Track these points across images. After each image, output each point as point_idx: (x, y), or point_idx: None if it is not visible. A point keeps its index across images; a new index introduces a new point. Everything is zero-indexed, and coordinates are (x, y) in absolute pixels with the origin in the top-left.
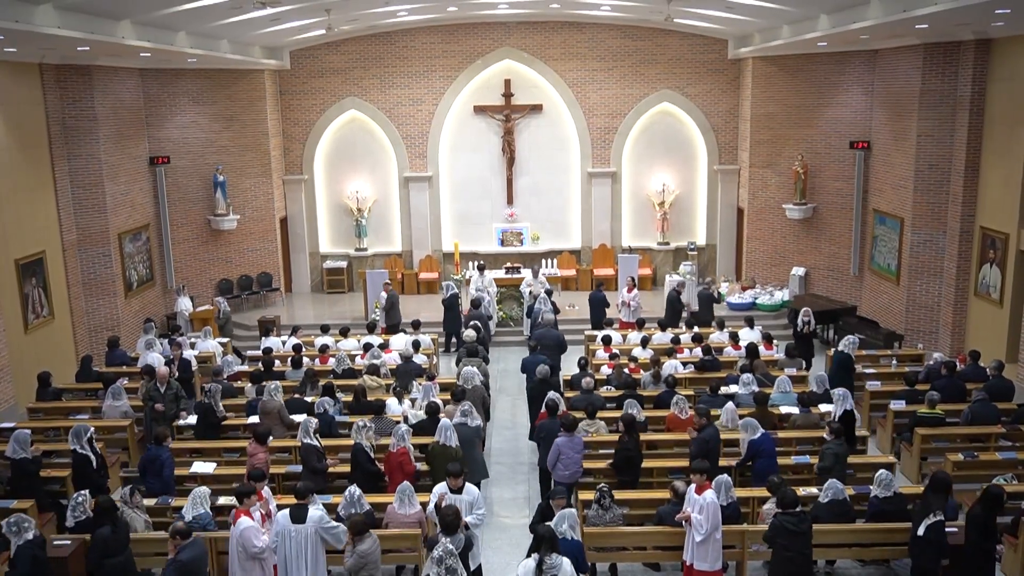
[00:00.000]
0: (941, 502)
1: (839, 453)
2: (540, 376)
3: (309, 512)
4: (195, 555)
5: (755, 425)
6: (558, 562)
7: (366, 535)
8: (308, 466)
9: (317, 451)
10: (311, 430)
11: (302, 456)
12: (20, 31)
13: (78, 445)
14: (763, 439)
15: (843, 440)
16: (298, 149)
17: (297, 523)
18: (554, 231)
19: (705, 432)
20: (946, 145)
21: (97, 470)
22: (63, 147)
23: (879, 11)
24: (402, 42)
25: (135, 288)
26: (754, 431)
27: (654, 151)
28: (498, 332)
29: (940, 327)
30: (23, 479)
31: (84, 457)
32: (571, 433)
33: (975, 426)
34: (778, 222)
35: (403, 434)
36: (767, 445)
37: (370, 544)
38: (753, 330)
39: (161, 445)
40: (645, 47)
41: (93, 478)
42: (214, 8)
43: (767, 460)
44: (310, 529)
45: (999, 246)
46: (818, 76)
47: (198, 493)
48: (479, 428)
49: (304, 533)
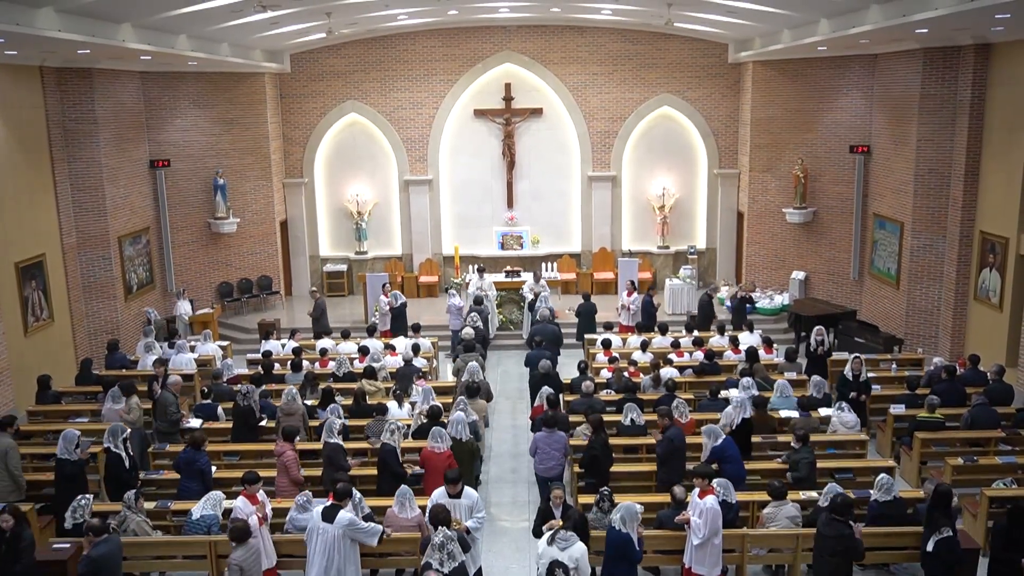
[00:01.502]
0: (946, 517)
1: (812, 461)
2: (542, 371)
3: (339, 514)
4: (109, 551)
5: (717, 431)
6: (571, 540)
7: (244, 543)
8: (335, 465)
9: (342, 451)
10: (335, 430)
11: (327, 456)
12: (21, 34)
13: (112, 444)
14: (726, 444)
15: (811, 447)
16: (298, 152)
17: (326, 522)
18: (554, 235)
19: (670, 432)
20: (946, 149)
21: (129, 470)
22: (63, 150)
23: (879, 16)
24: (402, 46)
25: (135, 291)
26: (716, 437)
27: (654, 155)
28: (498, 335)
29: (940, 331)
30: (63, 481)
31: (117, 456)
32: (551, 429)
33: (975, 430)
34: (778, 226)
35: (443, 436)
36: (731, 450)
37: (243, 553)
38: (753, 334)
39: (199, 449)
40: (645, 51)
41: (124, 478)
42: (215, 11)
43: (734, 465)
44: (337, 531)
45: (999, 250)
46: (818, 80)
47: (213, 496)
48: (475, 423)
49: (331, 533)
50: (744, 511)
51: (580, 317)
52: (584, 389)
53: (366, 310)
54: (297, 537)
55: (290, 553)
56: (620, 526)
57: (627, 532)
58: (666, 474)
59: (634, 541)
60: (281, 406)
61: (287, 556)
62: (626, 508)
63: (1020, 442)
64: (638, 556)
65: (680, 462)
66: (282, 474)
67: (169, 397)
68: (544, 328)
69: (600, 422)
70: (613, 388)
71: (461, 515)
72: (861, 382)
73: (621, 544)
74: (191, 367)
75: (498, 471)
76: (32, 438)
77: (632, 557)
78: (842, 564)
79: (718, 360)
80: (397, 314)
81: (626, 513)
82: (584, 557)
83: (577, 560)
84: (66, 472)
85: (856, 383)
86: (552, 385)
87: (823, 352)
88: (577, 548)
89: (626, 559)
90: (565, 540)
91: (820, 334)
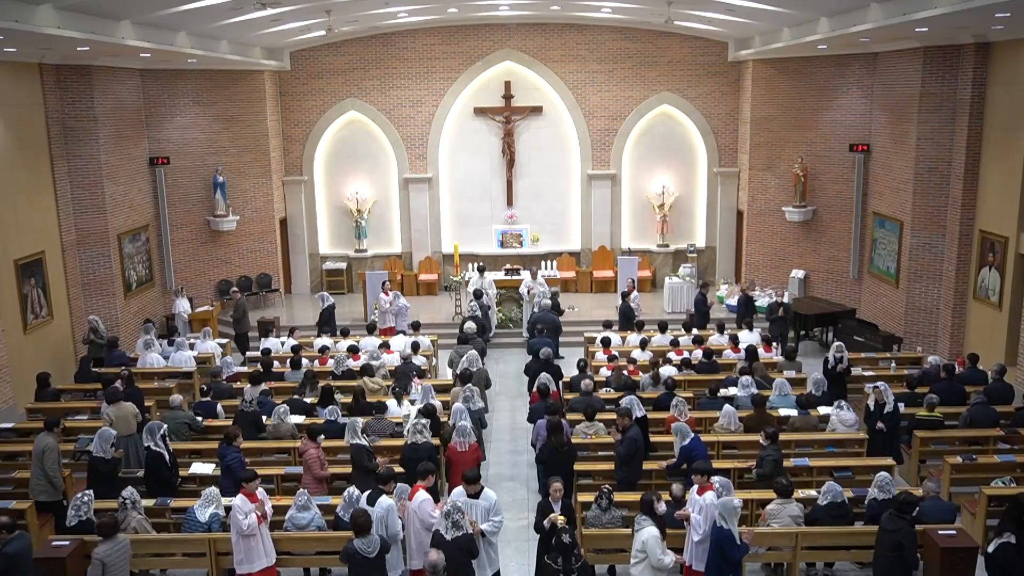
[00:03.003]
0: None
1: (777, 459)
2: (543, 357)
3: (381, 498)
4: (22, 547)
5: (686, 430)
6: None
7: (111, 538)
8: (359, 466)
9: (367, 451)
10: (358, 430)
11: (352, 457)
12: (20, 31)
13: (152, 442)
14: (694, 443)
15: (779, 445)
16: (298, 150)
17: (368, 506)
18: (554, 233)
19: (631, 432)
20: (946, 148)
21: (170, 468)
22: (63, 147)
23: (879, 14)
24: (402, 43)
25: (134, 289)
26: (685, 436)
27: (654, 153)
28: (497, 334)
29: (939, 330)
30: (97, 479)
31: (158, 455)
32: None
33: (974, 429)
34: (778, 225)
35: (470, 431)
36: (700, 449)
37: (108, 548)
38: (752, 332)
39: (231, 445)
40: (645, 49)
41: (165, 476)
42: (214, 9)
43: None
44: (378, 513)
45: (998, 249)
46: (818, 79)
47: (210, 493)
48: (481, 411)
49: (374, 516)
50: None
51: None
52: (583, 387)
53: (365, 308)
54: (296, 535)
55: (289, 551)
56: (722, 522)
57: (729, 528)
58: (626, 474)
59: (734, 536)
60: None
61: (286, 554)
62: (723, 503)
63: (1019, 441)
64: (736, 553)
65: (640, 462)
66: (306, 472)
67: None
68: (544, 316)
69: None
70: (612, 386)
71: (478, 517)
72: (886, 413)
73: (723, 541)
74: (190, 365)
75: (497, 469)
76: (32, 435)
77: (730, 554)
78: (900, 560)
79: (717, 358)
80: (327, 316)
81: (723, 508)
82: (652, 540)
83: (644, 543)
84: (102, 470)
85: (880, 412)
86: (551, 372)
87: (842, 370)
88: (646, 531)
89: (726, 556)
90: (638, 524)
91: (840, 351)
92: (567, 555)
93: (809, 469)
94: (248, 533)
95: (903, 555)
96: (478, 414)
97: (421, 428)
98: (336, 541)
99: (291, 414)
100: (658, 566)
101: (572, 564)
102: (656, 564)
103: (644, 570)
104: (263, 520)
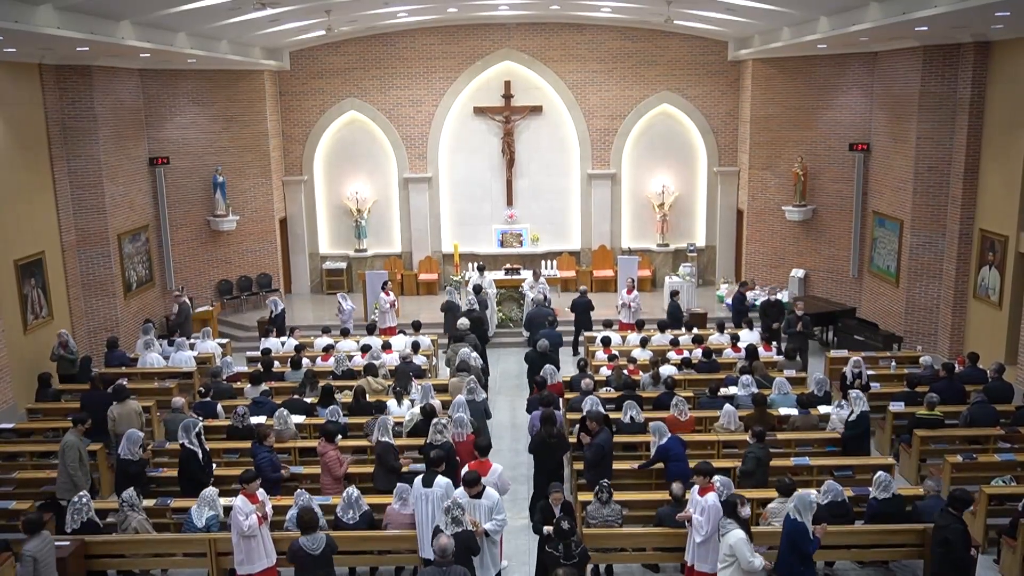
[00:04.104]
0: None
1: (760, 457)
2: (540, 350)
3: (437, 478)
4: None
5: (663, 429)
6: (729, 527)
7: (37, 535)
8: (386, 465)
9: (393, 449)
10: (389, 427)
11: (379, 455)
12: (20, 31)
13: (187, 439)
14: (671, 442)
15: (765, 444)
16: (298, 150)
17: (427, 487)
18: (554, 233)
19: (600, 438)
20: (945, 147)
21: (203, 466)
22: (62, 148)
23: (879, 13)
24: (402, 43)
25: (134, 289)
26: (662, 435)
27: (654, 153)
28: (497, 333)
29: (939, 329)
30: (126, 480)
31: (192, 452)
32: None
33: (974, 428)
34: (778, 224)
35: (467, 422)
36: (676, 449)
37: (37, 543)
38: (752, 332)
39: (261, 444)
40: (645, 49)
41: (198, 474)
42: (214, 9)
43: (679, 464)
44: (437, 492)
45: (998, 248)
46: (818, 78)
47: (207, 494)
48: (485, 401)
49: (433, 496)
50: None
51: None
52: (583, 387)
53: (365, 308)
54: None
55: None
56: (796, 515)
57: (802, 522)
58: (594, 476)
59: (809, 531)
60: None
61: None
62: (800, 497)
63: (1019, 440)
64: (811, 547)
65: (609, 465)
66: (325, 472)
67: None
68: (539, 311)
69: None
70: (612, 386)
71: (481, 516)
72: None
73: (795, 534)
74: (191, 365)
75: None
76: (32, 436)
77: (804, 548)
78: (947, 557)
79: (717, 358)
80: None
81: (800, 503)
82: (741, 543)
83: (732, 546)
84: (130, 472)
85: None
86: (549, 363)
87: (860, 386)
88: (733, 535)
89: (798, 550)
90: (724, 527)
91: (857, 366)
92: (567, 541)
93: (809, 468)
94: (249, 534)
95: (949, 551)
96: (482, 405)
97: (442, 428)
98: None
99: (292, 414)
100: (748, 568)
101: (573, 550)
102: (747, 567)
103: (733, 573)
104: (264, 521)
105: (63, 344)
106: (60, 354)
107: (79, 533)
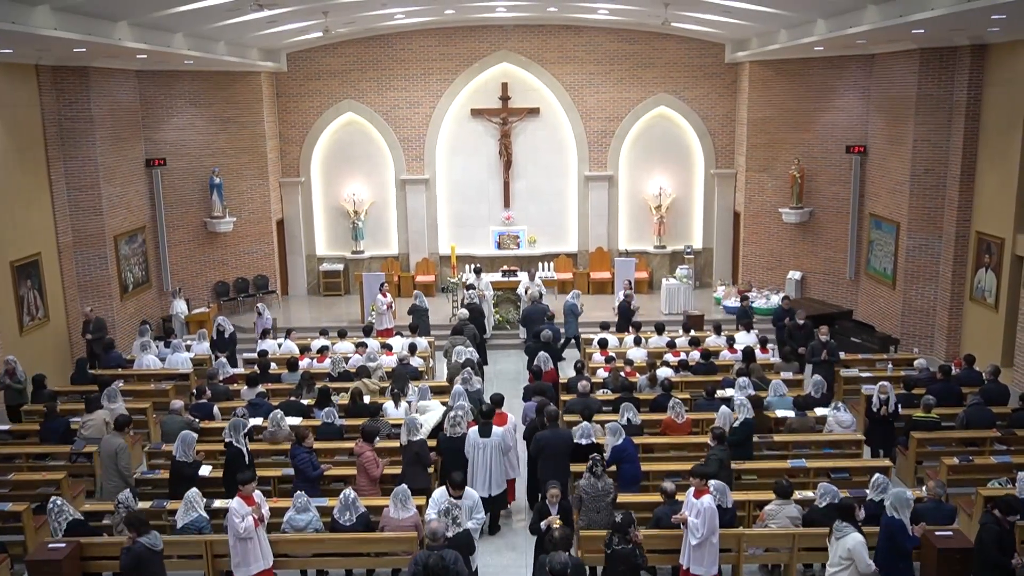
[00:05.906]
0: None
1: (723, 459)
2: (543, 339)
3: (494, 429)
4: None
5: (618, 430)
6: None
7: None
8: (424, 462)
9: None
10: (418, 426)
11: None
12: (17, 32)
13: (234, 439)
14: (626, 444)
15: (726, 445)
16: (295, 151)
17: (484, 438)
18: (551, 234)
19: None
20: (942, 150)
21: (249, 466)
22: (59, 149)
23: (876, 16)
24: (399, 45)
25: (131, 290)
26: (618, 436)
27: (651, 155)
28: (494, 335)
29: (936, 331)
30: (180, 482)
31: (238, 451)
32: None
33: (970, 430)
34: (774, 226)
35: (468, 410)
36: (630, 450)
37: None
38: (749, 334)
39: (301, 444)
40: (642, 51)
41: None
42: (211, 10)
43: (631, 465)
44: (493, 442)
45: (994, 251)
46: (815, 80)
47: (190, 496)
48: (480, 392)
49: (489, 446)
50: (740, 511)
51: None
52: (580, 389)
53: (362, 310)
54: (294, 537)
55: (286, 553)
56: (893, 512)
57: (900, 519)
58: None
59: (907, 527)
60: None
61: (283, 556)
62: (895, 494)
63: (1015, 442)
64: (909, 543)
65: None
66: (361, 474)
67: None
68: (535, 308)
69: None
70: (609, 388)
71: (463, 516)
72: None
73: (892, 530)
74: (187, 366)
75: None
76: (27, 437)
77: (903, 545)
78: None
79: (714, 360)
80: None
81: (896, 499)
82: (860, 547)
83: (850, 550)
84: (185, 474)
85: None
86: (549, 352)
87: (887, 414)
88: (851, 538)
89: (897, 547)
90: (840, 531)
91: (884, 391)
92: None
93: (806, 470)
94: (245, 536)
95: (981, 550)
96: (477, 395)
97: (459, 421)
98: (334, 543)
99: (288, 416)
100: (866, 572)
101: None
102: (864, 571)
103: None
104: (260, 523)
105: (9, 372)
106: (6, 383)
107: (69, 535)
